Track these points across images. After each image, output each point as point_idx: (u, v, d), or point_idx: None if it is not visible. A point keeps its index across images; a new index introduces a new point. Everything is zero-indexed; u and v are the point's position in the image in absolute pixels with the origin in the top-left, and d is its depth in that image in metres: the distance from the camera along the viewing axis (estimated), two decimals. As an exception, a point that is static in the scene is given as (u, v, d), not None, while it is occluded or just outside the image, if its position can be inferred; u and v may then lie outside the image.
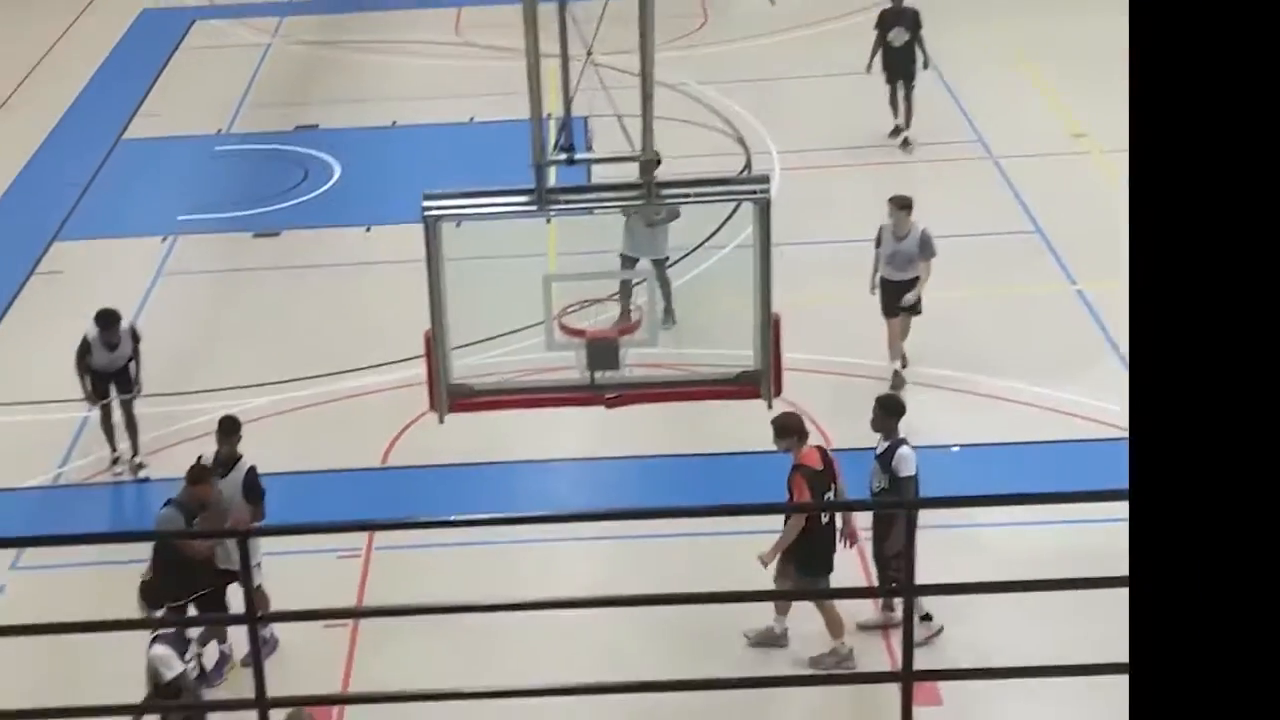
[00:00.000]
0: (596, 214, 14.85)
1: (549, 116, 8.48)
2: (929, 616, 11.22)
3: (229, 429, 11.48)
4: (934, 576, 5.08)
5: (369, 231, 18.46)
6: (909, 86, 19.73)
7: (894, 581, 10.98)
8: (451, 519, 10.38)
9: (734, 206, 15.36)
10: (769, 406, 8.98)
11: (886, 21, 19.60)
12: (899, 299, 14.45)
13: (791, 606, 11.33)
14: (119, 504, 13.80)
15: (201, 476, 10.92)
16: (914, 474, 11.00)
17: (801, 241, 16.14)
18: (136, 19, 26.60)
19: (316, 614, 9.17)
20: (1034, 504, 5.29)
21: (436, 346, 8.59)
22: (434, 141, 21.00)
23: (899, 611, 11.21)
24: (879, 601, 11.64)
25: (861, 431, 11.53)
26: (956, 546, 11.67)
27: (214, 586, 10.88)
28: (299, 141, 21.21)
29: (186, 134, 21.75)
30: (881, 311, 14.53)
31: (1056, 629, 10.42)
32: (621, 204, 12.57)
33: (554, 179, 8.56)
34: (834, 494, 10.94)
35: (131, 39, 25.79)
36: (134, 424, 13.82)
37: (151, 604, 10.01)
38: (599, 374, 8.82)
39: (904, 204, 14.36)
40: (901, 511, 11.01)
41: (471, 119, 21.52)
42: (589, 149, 10.22)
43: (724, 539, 11.45)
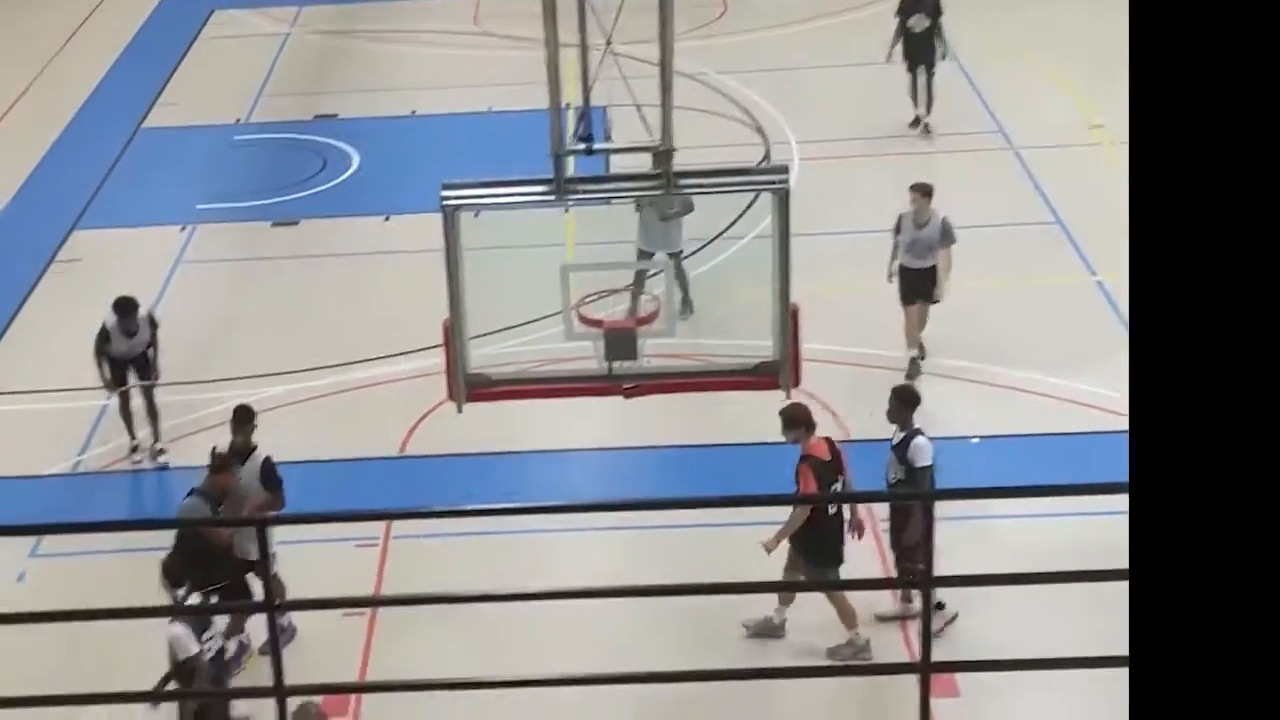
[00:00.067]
0: (614, 204, 14.92)
1: (567, 106, 8.48)
2: (941, 605, 11.20)
3: (244, 418, 11.49)
4: (949, 567, 5.07)
5: (387, 221, 18.48)
6: (929, 74, 19.70)
7: (911, 573, 10.98)
8: (469, 508, 10.39)
9: (753, 197, 15.33)
10: (787, 397, 8.98)
11: (907, 8, 19.56)
12: (917, 287, 14.45)
13: (795, 598, 11.33)
14: (138, 491, 13.85)
15: (224, 466, 10.95)
16: (930, 464, 10.98)
17: (820, 232, 16.11)
18: (156, 8, 26.64)
19: (334, 602, 9.21)
20: (1050, 496, 5.29)
21: (454, 336, 8.59)
22: (452, 131, 21.00)
23: (917, 603, 11.20)
24: (897, 593, 11.63)
25: (879, 422, 11.51)
26: (972, 537, 11.65)
27: (236, 576, 10.89)
28: (317, 131, 21.23)
29: (205, 123, 21.78)
30: (899, 299, 14.52)
31: (1071, 620, 10.40)
32: (640, 194, 12.59)
33: (572, 169, 8.56)
34: (841, 485, 10.94)
35: (151, 28, 25.83)
36: (154, 410, 13.86)
37: (173, 583, 10.05)
38: (617, 364, 8.82)
39: (926, 191, 14.35)
40: (918, 502, 11.01)
41: (490, 108, 21.52)
42: (607, 139, 10.19)
43: (739, 530, 11.43)
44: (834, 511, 10.98)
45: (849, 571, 11.02)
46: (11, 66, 24.03)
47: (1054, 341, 15.05)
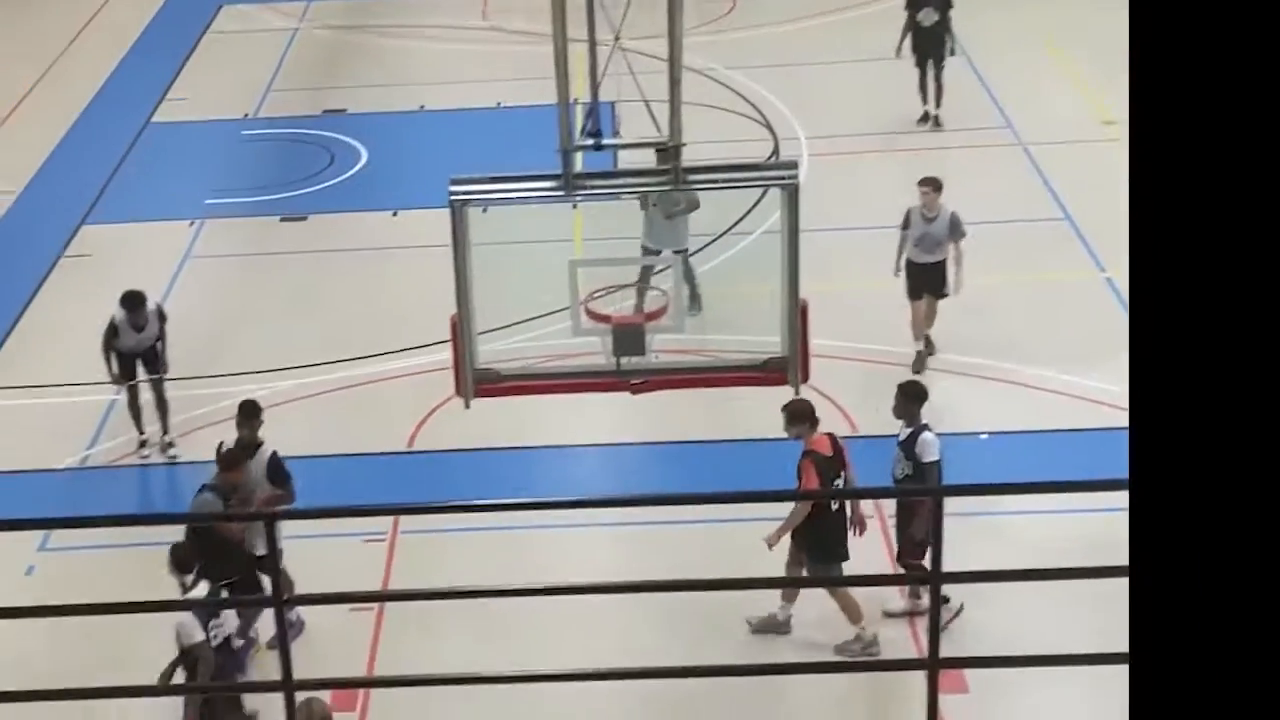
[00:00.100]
0: (622, 199, 14.91)
1: (576, 101, 8.47)
2: (947, 599, 11.20)
3: (250, 413, 11.48)
4: (957, 563, 5.04)
5: (395, 216, 18.48)
6: (939, 67, 19.72)
7: (914, 568, 10.97)
8: (476, 503, 10.38)
9: (761, 192, 15.31)
10: (796, 393, 8.98)
11: (917, 2, 19.55)
12: (924, 282, 14.46)
13: (799, 594, 11.33)
14: (146, 486, 13.87)
15: (235, 462, 10.93)
16: (937, 459, 10.97)
17: (829, 227, 16.08)
18: (164, 3, 26.65)
19: (342, 597, 9.20)
20: (1060, 492, 5.26)
21: (462, 331, 8.59)
22: (461, 126, 21.00)
23: (926, 598, 11.19)
24: (905, 589, 11.62)
25: (886, 417, 11.49)
26: (980, 533, 11.63)
27: (247, 571, 10.88)
28: (326, 126, 21.24)
29: (214, 118, 21.80)
30: (907, 294, 14.52)
31: (1080, 615, 10.37)
32: (648, 189, 12.58)
33: (581, 164, 8.55)
34: (843, 481, 10.93)
35: (159, 23, 25.85)
36: (164, 404, 13.88)
37: (182, 569, 10.07)
38: (625, 360, 8.82)
39: (936, 185, 14.37)
40: (925, 498, 10.99)
41: (498, 104, 21.51)
42: (616, 134, 10.19)
43: (745, 525, 11.42)
44: (836, 508, 10.97)
45: (856, 567, 11.01)
46: (19, 62, 24.06)
47: (1063, 337, 15.03)
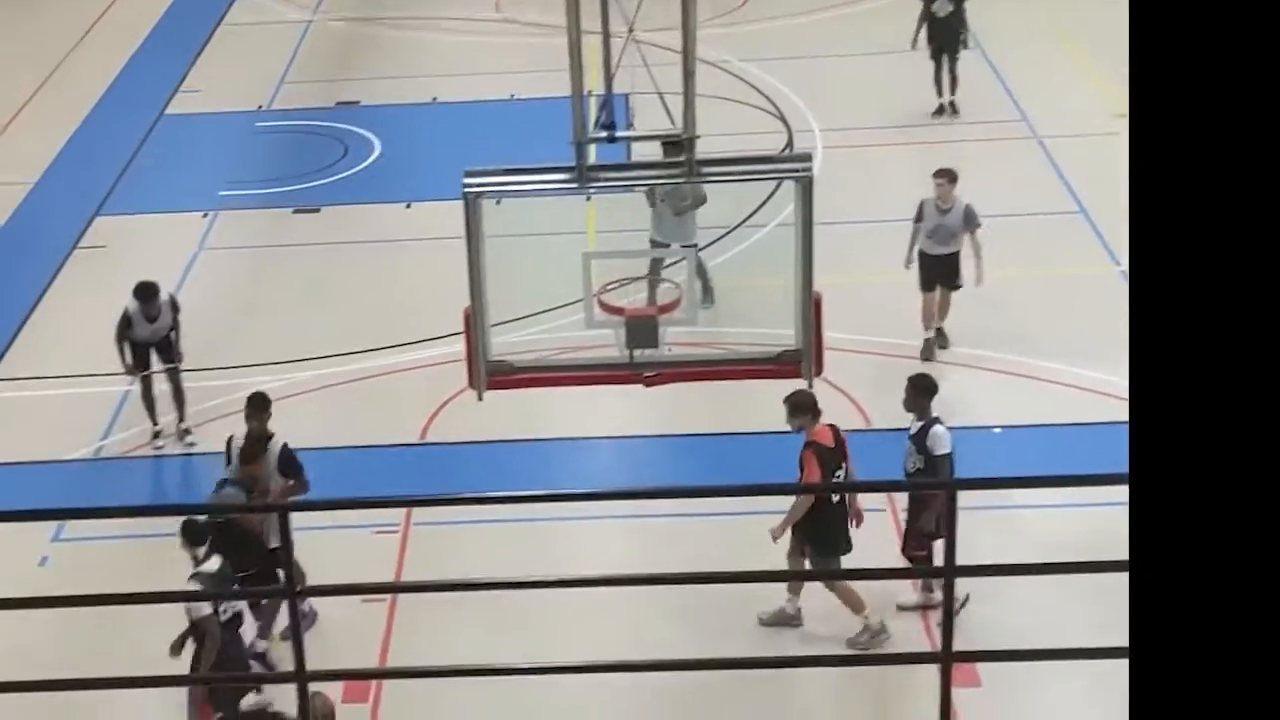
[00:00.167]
0: (636, 192, 14.90)
1: (590, 94, 8.46)
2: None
3: (259, 405, 11.47)
4: (966, 556, 5.05)
5: (409, 208, 18.49)
6: (954, 59, 19.73)
7: (919, 560, 11.01)
8: (488, 496, 10.37)
9: (775, 185, 15.29)
10: (809, 386, 8.96)
11: None
12: (938, 273, 14.48)
13: (804, 586, 11.32)
14: (160, 477, 13.90)
15: (254, 455, 10.92)
16: (949, 452, 10.96)
17: (843, 220, 16.06)
18: (179, -5, 26.71)
19: (355, 589, 9.22)
20: (1071, 486, 5.25)
21: (475, 323, 8.59)
22: (474, 118, 21.00)
23: (938, 592, 11.17)
24: (917, 582, 11.61)
25: (897, 410, 11.48)
26: (991, 527, 11.62)
27: (264, 565, 10.84)
28: (339, 118, 21.25)
29: (228, 110, 21.82)
30: (920, 285, 14.53)
31: (1090, 609, 10.33)
32: (662, 182, 12.56)
33: (594, 157, 8.54)
34: (844, 473, 10.93)
35: (174, 15, 25.87)
36: (180, 392, 13.91)
37: (193, 542, 10.10)
38: (638, 352, 8.81)
39: (952, 176, 14.39)
40: (937, 491, 10.98)
41: (512, 96, 21.50)
42: (630, 126, 10.18)
43: (757, 518, 11.41)
44: (838, 499, 10.98)
45: (868, 560, 10.99)
46: (35, 54, 24.09)
47: (1077, 331, 14.99)
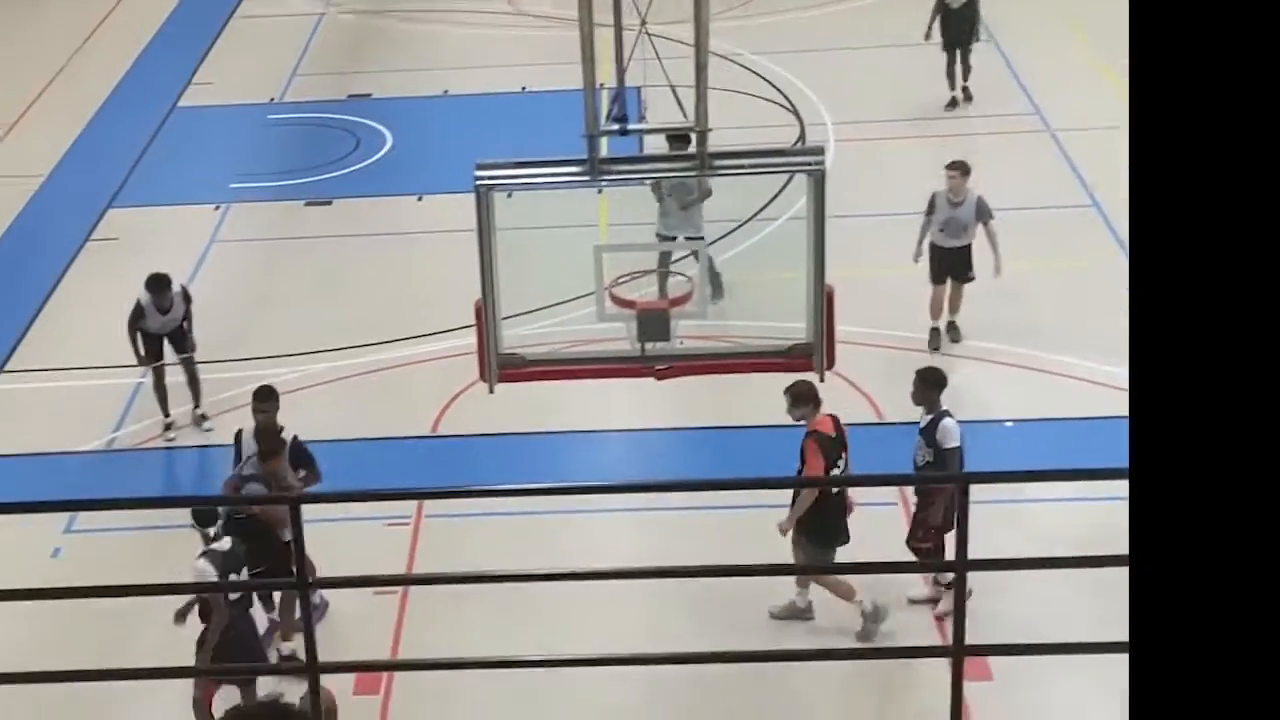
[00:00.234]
0: (647, 185, 14.90)
1: (602, 86, 8.45)
2: (952, 585, 11.20)
3: (265, 397, 11.46)
4: (975, 549, 5.05)
5: (420, 201, 18.50)
6: (966, 51, 19.74)
7: (922, 553, 11.02)
8: (500, 488, 10.40)
9: (787, 178, 15.27)
10: (821, 380, 8.95)
11: None
12: (949, 266, 14.50)
13: (810, 579, 11.33)
14: (172, 468, 13.93)
15: (275, 450, 10.90)
16: (958, 445, 10.95)
17: (856, 214, 16.05)
18: (191, -13, 26.72)
19: (366, 580, 9.24)
20: (1083, 479, 5.25)
21: (487, 316, 8.59)
22: (486, 111, 20.99)
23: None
24: (928, 576, 11.60)
25: (906, 404, 11.47)
26: (1000, 520, 11.60)
27: (279, 558, 10.82)
28: (351, 110, 21.26)
29: (240, 103, 21.84)
30: (930, 278, 14.54)
31: (1103, 603, 10.31)
32: (675, 175, 12.56)
33: (606, 150, 8.53)
34: (844, 463, 10.92)
35: (186, 8, 25.88)
36: (196, 380, 13.95)
37: (204, 523, 10.12)
38: (649, 345, 8.81)
39: (965, 169, 14.40)
40: (947, 485, 10.97)
41: (523, 89, 21.49)
42: (642, 119, 10.17)
43: (767, 511, 11.41)
44: (837, 491, 10.99)
45: (874, 554, 10.97)
46: (47, 46, 24.13)
47: (1089, 325, 14.96)
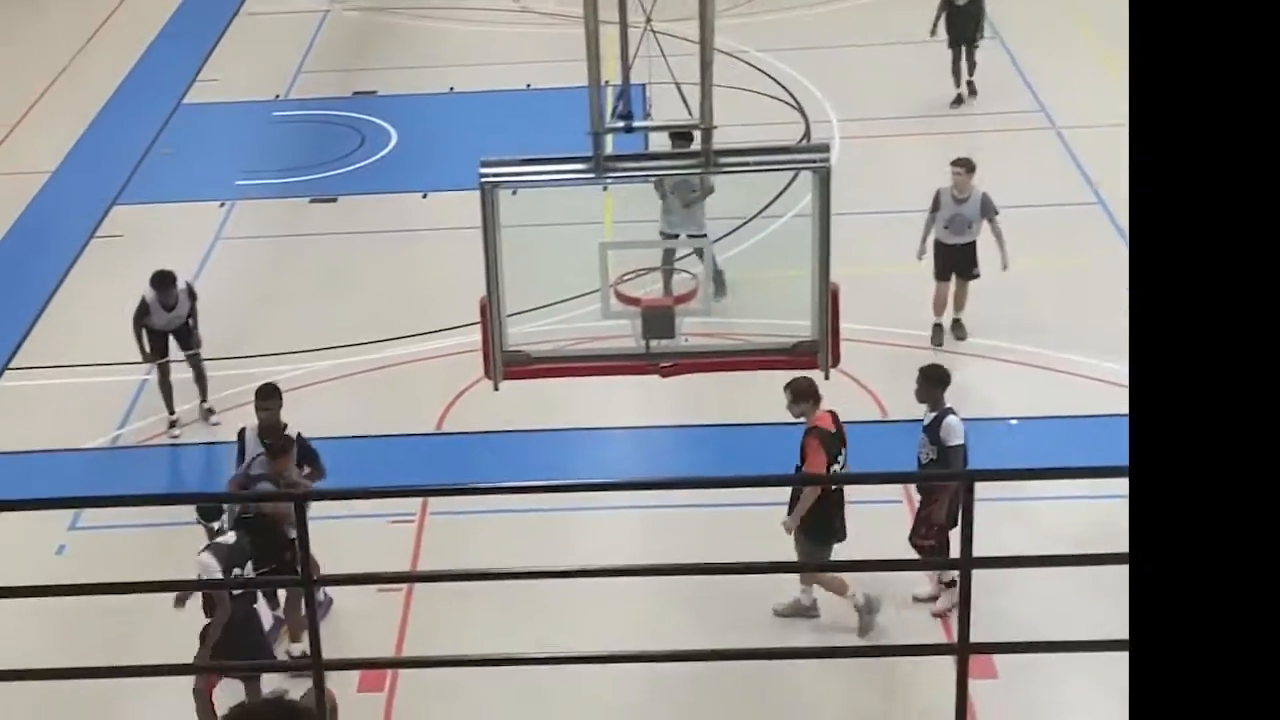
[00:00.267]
0: (650, 182, 14.89)
1: (607, 84, 8.45)
2: (954, 584, 11.20)
3: (267, 395, 11.45)
4: (979, 547, 5.04)
5: (425, 198, 18.50)
6: (972, 47, 19.78)
7: (924, 550, 11.03)
8: (504, 485, 10.42)
9: (792, 175, 15.27)
10: (826, 377, 8.96)
11: None
12: (954, 263, 14.52)
13: (813, 575, 11.33)
14: (177, 465, 13.93)
15: (284, 449, 10.90)
16: (962, 443, 10.95)
17: (861, 211, 16.03)
18: (196, -16, 26.72)
19: (370, 578, 9.24)
20: (1087, 477, 5.24)
21: (492, 313, 8.60)
22: (491, 108, 20.99)
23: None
24: (933, 574, 11.60)
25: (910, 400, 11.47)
26: (1005, 518, 11.59)
27: (289, 554, 10.79)
28: (356, 108, 21.26)
29: (245, 100, 21.84)
30: (934, 274, 14.55)
31: (1104, 601, 10.30)
32: (680, 172, 12.56)
33: (611, 147, 8.53)
34: (843, 459, 10.93)
35: (191, 5, 25.88)
36: (203, 376, 13.98)
37: (209, 518, 10.13)
38: (654, 342, 8.81)
39: (970, 166, 14.43)
40: (951, 482, 10.97)
41: (529, 86, 21.49)
42: (647, 117, 10.16)
43: (772, 509, 11.41)
44: (835, 488, 10.99)
45: (877, 551, 10.97)
46: (52, 43, 24.14)
47: (1094, 322, 14.94)
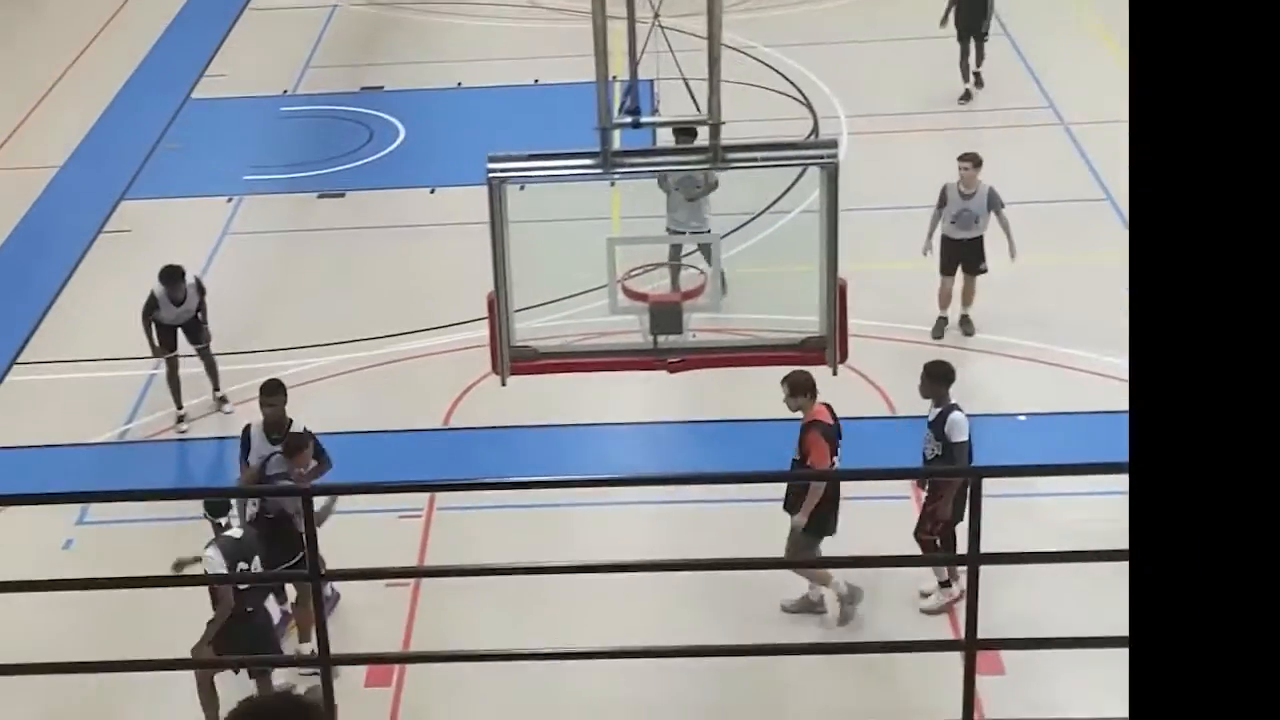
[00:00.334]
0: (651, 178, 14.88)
1: (615, 79, 8.44)
2: (948, 583, 11.21)
3: (272, 391, 11.46)
4: (986, 543, 5.04)
5: (433, 193, 18.50)
6: (980, 40, 19.76)
7: (929, 545, 11.04)
8: (511, 480, 10.41)
9: (800, 171, 15.26)
10: (834, 373, 8.94)
11: None
12: (960, 257, 14.53)
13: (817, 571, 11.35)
14: (184, 460, 13.95)
15: (301, 444, 10.90)
16: (966, 439, 10.95)
17: (869, 206, 16.03)
18: (204, -21, 26.73)
19: (378, 573, 9.23)
20: (1093, 473, 5.23)
21: (499, 308, 8.59)
22: (498, 103, 20.99)
23: (961, 579, 11.15)
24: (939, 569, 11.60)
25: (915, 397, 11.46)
26: (1011, 514, 11.58)
27: (295, 553, 10.79)
28: (364, 103, 21.27)
29: (253, 95, 21.86)
30: (940, 269, 14.55)
31: (1111, 597, 10.28)
32: (687, 167, 12.54)
33: (619, 142, 8.52)
34: (840, 453, 10.93)
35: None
36: (214, 367, 14.04)
37: (216, 514, 10.14)
38: (662, 338, 8.80)
39: (977, 161, 14.44)
40: (957, 479, 10.97)
41: (536, 81, 21.49)
42: (655, 112, 10.16)
43: (779, 505, 11.40)
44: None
45: (884, 547, 10.95)
46: (60, 38, 24.17)
47: (1101, 318, 14.92)
